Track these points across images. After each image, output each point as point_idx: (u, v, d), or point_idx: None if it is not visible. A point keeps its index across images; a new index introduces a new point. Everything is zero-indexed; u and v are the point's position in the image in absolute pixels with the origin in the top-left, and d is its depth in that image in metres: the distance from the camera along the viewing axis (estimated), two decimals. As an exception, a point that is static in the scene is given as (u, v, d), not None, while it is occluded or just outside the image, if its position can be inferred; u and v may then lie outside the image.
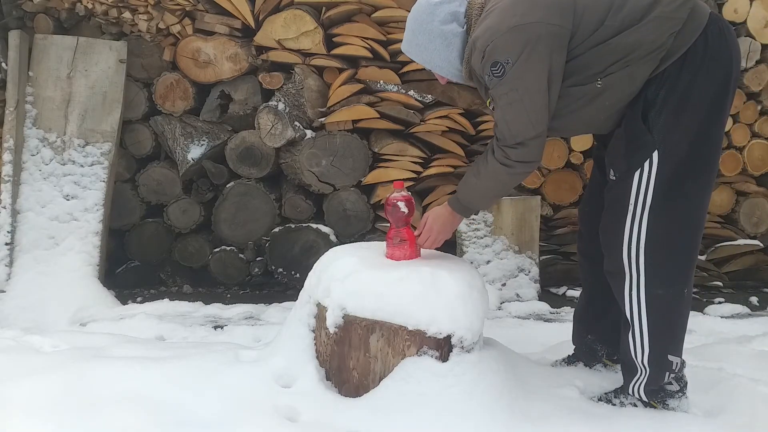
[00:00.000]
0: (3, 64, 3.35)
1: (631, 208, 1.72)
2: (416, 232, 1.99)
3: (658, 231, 1.71)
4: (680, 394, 1.89)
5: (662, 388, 1.87)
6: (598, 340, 2.13)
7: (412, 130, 3.47)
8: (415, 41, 1.84)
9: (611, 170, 1.79)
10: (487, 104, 1.87)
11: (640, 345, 1.80)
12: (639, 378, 1.86)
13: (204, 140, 3.56)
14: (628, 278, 1.77)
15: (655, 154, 1.67)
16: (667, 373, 1.82)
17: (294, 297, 2.35)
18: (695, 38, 1.64)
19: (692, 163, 1.69)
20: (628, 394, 1.93)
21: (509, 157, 1.75)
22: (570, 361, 2.23)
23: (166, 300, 3.26)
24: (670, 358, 1.80)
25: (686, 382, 1.90)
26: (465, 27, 1.80)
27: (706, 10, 1.68)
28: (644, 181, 1.69)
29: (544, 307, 3.25)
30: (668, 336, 1.80)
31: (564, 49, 1.66)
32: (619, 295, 1.81)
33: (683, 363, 1.85)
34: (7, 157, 3.27)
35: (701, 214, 1.78)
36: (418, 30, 1.82)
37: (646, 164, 1.68)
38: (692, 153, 1.68)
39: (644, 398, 1.90)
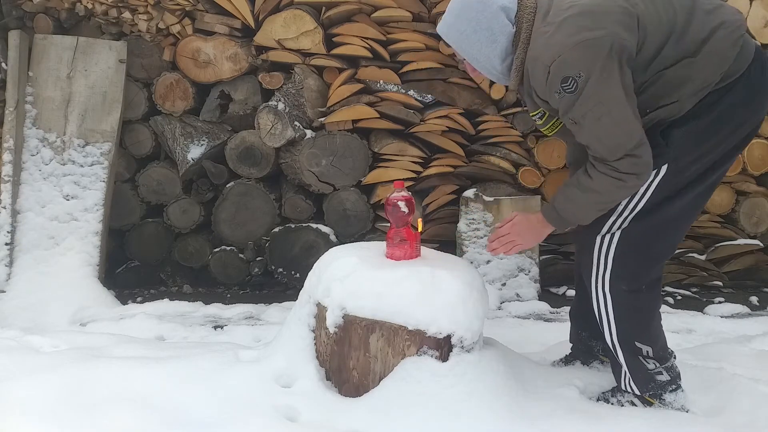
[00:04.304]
0: (3, 64, 3.35)
1: (620, 208, 1.74)
2: (498, 225, 1.91)
3: (634, 232, 1.75)
4: (674, 386, 1.90)
5: (651, 378, 1.88)
6: (592, 336, 2.14)
7: (412, 130, 3.46)
8: (457, 27, 1.69)
9: None
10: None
11: (608, 330, 1.85)
12: (624, 372, 1.91)
13: (204, 140, 3.56)
14: (595, 269, 1.81)
15: (664, 168, 1.68)
16: (641, 359, 1.85)
17: (294, 297, 2.35)
18: (740, 74, 1.64)
19: (694, 185, 1.71)
20: (624, 391, 1.95)
21: (618, 169, 1.63)
22: (567, 360, 2.24)
23: (166, 300, 3.25)
24: (638, 344, 1.84)
25: (678, 373, 1.91)
26: (515, 27, 1.67)
27: (752, 46, 1.69)
28: (644, 188, 1.71)
29: (544, 307, 3.24)
30: (632, 325, 1.85)
31: (629, 66, 1.59)
32: (588, 285, 1.87)
33: (663, 351, 1.88)
34: (7, 157, 3.27)
35: (683, 227, 1.82)
36: (463, 16, 1.67)
37: (653, 173, 1.69)
38: (699, 176, 1.70)
39: (637, 392, 1.92)
